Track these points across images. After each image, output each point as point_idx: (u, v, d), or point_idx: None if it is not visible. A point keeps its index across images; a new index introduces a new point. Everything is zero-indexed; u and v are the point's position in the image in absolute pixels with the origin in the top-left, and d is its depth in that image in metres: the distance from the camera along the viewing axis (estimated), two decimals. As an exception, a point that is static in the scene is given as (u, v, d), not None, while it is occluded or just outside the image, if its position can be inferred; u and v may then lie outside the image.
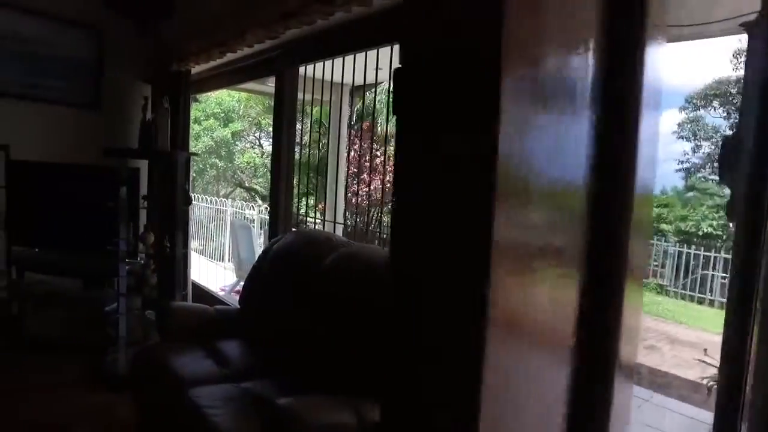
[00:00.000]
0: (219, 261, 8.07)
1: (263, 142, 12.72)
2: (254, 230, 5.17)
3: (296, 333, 2.09)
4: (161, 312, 2.32)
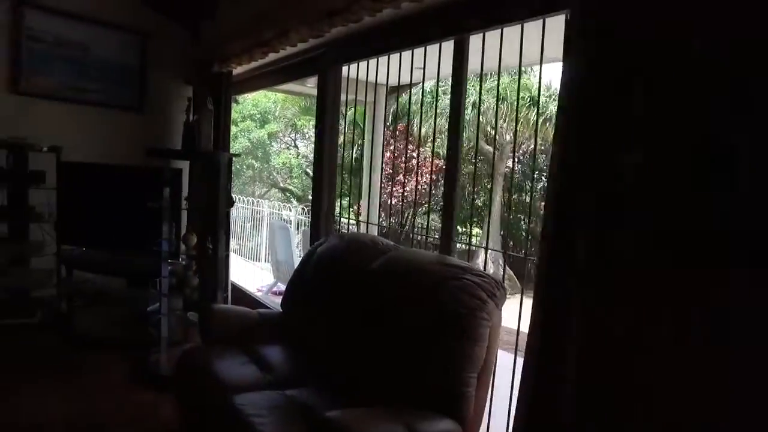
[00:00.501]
0: (255, 261, 8.15)
1: (298, 143, 12.81)
2: (292, 231, 5.14)
3: (341, 339, 2.03)
4: (204, 314, 2.29)
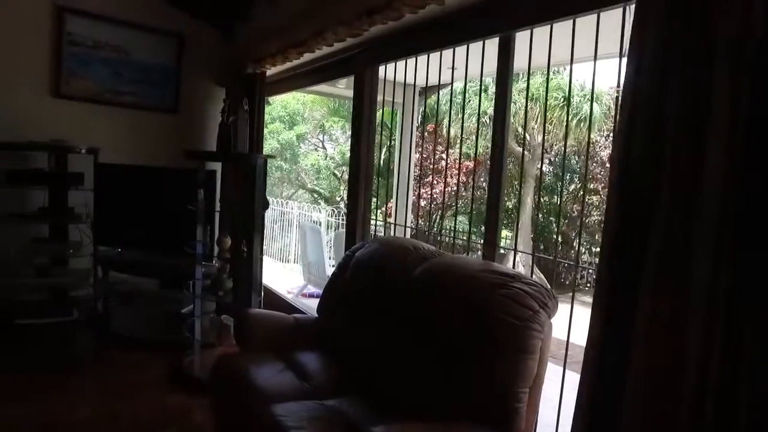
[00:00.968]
0: (284, 262, 8.16)
1: (326, 145, 12.83)
2: (324, 233, 5.09)
3: (382, 348, 1.96)
4: (240, 319, 2.25)
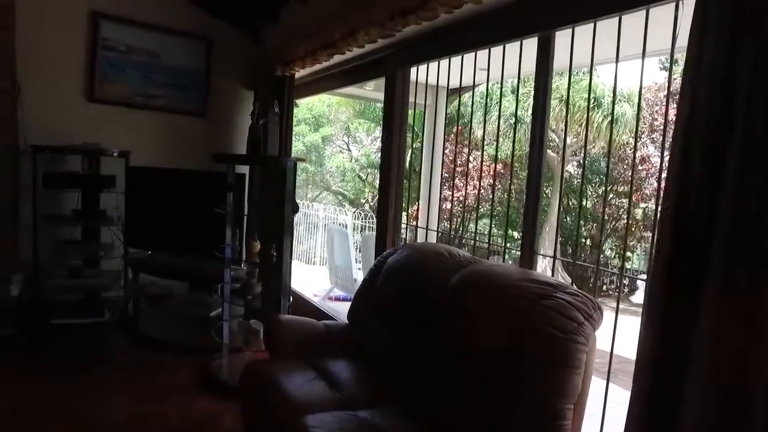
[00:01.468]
0: (309, 264, 8.17)
1: (351, 147, 12.84)
2: (351, 236, 5.05)
3: (415, 359, 1.90)
4: (270, 325, 2.22)
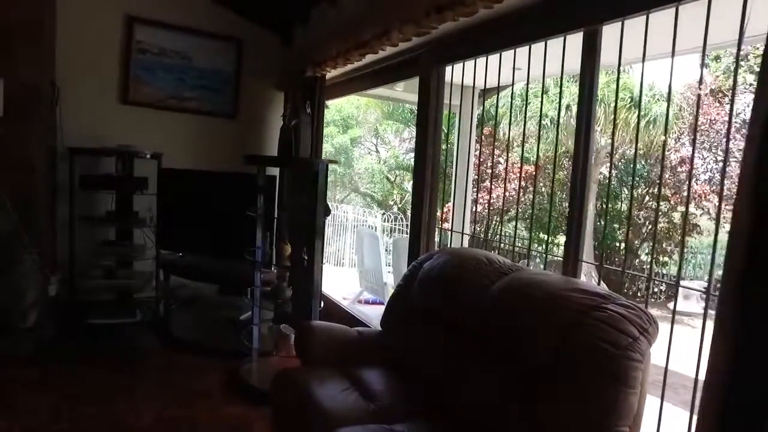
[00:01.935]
0: (338, 266, 8.15)
1: (380, 148, 12.79)
2: (381, 239, 4.97)
3: (452, 370, 1.81)
4: (302, 332, 2.16)
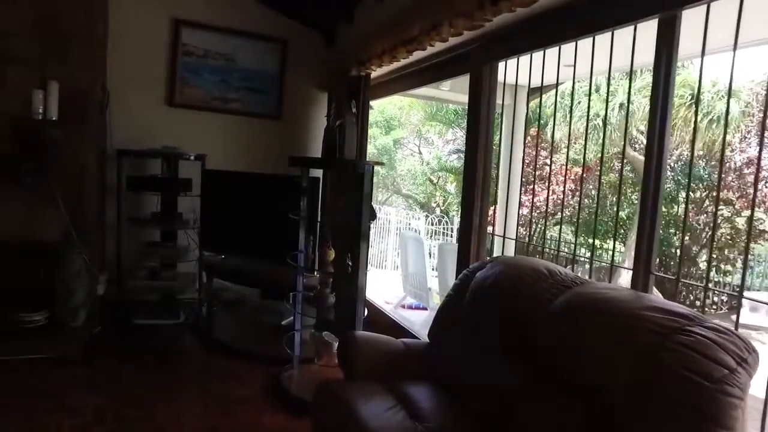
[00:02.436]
0: (380, 268, 8.05)
1: (423, 150, 12.63)
2: (426, 243, 4.83)
3: (510, 393, 1.65)
4: (346, 343, 2.06)
